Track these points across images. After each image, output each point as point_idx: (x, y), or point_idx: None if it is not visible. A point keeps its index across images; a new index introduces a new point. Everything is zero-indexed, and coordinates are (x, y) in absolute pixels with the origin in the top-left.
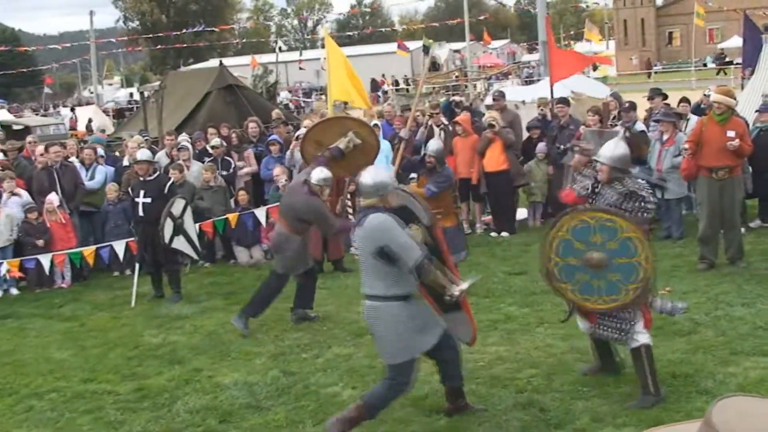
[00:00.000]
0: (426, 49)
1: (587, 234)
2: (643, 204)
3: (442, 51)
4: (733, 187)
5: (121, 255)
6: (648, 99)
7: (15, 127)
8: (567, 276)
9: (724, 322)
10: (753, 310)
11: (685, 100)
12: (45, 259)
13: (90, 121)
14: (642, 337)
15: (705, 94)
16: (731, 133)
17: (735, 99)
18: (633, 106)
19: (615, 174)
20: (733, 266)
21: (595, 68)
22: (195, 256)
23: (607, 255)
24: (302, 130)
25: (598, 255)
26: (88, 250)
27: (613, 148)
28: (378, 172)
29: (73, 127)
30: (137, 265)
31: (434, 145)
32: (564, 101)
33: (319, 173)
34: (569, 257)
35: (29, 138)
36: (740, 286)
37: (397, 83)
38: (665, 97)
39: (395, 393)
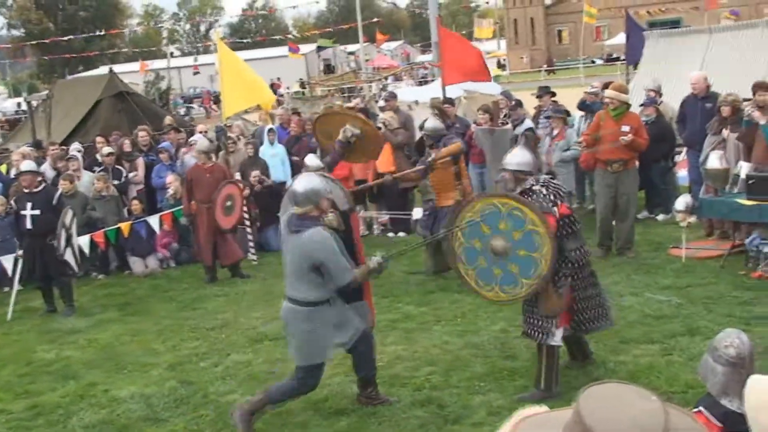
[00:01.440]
0: (320, 48)
1: (496, 219)
2: (541, 195)
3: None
4: (628, 180)
5: (9, 269)
6: (537, 97)
7: None
8: (469, 259)
9: (615, 311)
10: (641, 299)
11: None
12: None
13: None
14: (554, 339)
15: (586, 92)
16: (626, 128)
17: (627, 93)
18: (519, 104)
19: (517, 177)
20: (622, 256)
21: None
22: (76, 269)
23: (511, 244)
24: (197, 136)
25: (502, 242)
26: None
27: (515, 154)
28: (310, 179)
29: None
30: (16, 278)
31: (431, 123)
32: (449, 101)
33: (311, 160)
34: (474, 239)
35: None
36: (629, 276)
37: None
38: (553, 94)
39: (300, 392)
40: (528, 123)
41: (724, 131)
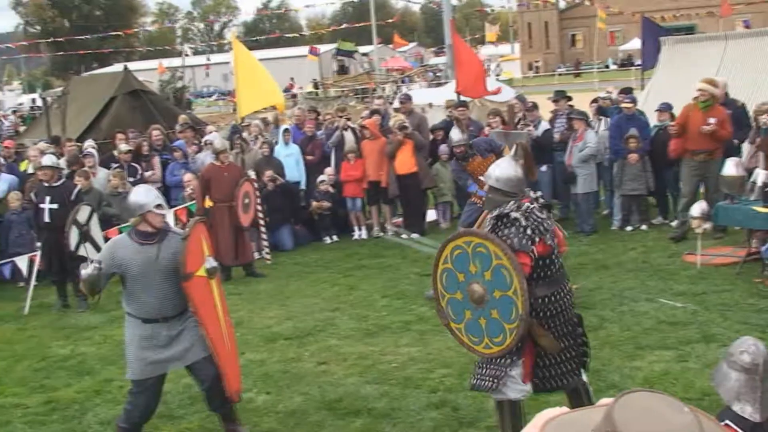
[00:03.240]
0: (340, 52)
1: (466, 262)
2: (519, 228)
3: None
4: (713, 168)
5: (24, 270)
6: (553, 101)
7: None
8: (456, 313)
9: (629, 317)
10: (656, 305)
11: (595, 101)
12: None
13: None
14: (510, 392)
15: (600, 97)
16: (712, 120)
17: (718, 87)
18: (535, 106)
19: (496, 196)
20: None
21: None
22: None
23: (485, 287)
24: (212, 135)
25: (478, 287)
26: None
27: (500, 166)
28: (139, 192)
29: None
30: (34, 272)
31: (457, 135)
32: (464, 104)
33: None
34: (456, 291)
35: None
36: (643, 282)
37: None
38: (569, 98)
39: (134, 411)
40: (545, 125)
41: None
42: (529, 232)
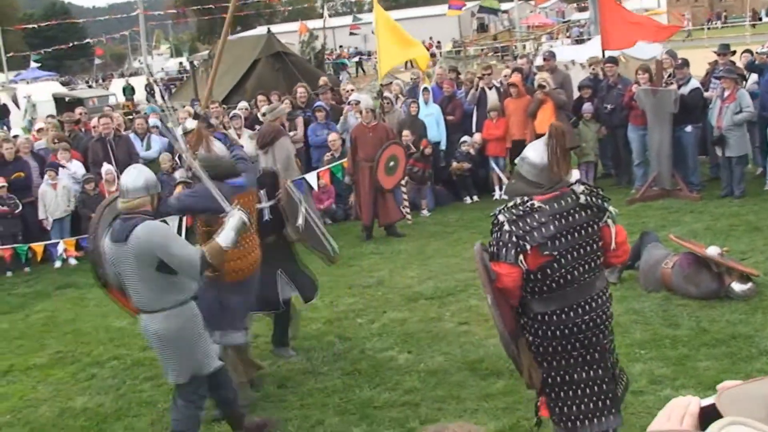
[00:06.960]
0: (483, 9)
1: None
2: (504, 234)
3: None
4: None
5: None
6: (718, 55)
7: (68, 100)
8: None
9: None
10: None
11: (747, 51)
12: None
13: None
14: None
15: (758, 52)
16: None
17: None
18: (686, 63)
19: (518, 183)
20: None
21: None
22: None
23: None
24: (356, 95)
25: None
26: None
27: (532, 147)
28: (142, 171)
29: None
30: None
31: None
32: (612, 60)
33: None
34: None
35: (78, 110)
36: None
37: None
38: (734, 53)
39: (194, 410)
40: (694, 83)
41: None
42: (513, 239)
